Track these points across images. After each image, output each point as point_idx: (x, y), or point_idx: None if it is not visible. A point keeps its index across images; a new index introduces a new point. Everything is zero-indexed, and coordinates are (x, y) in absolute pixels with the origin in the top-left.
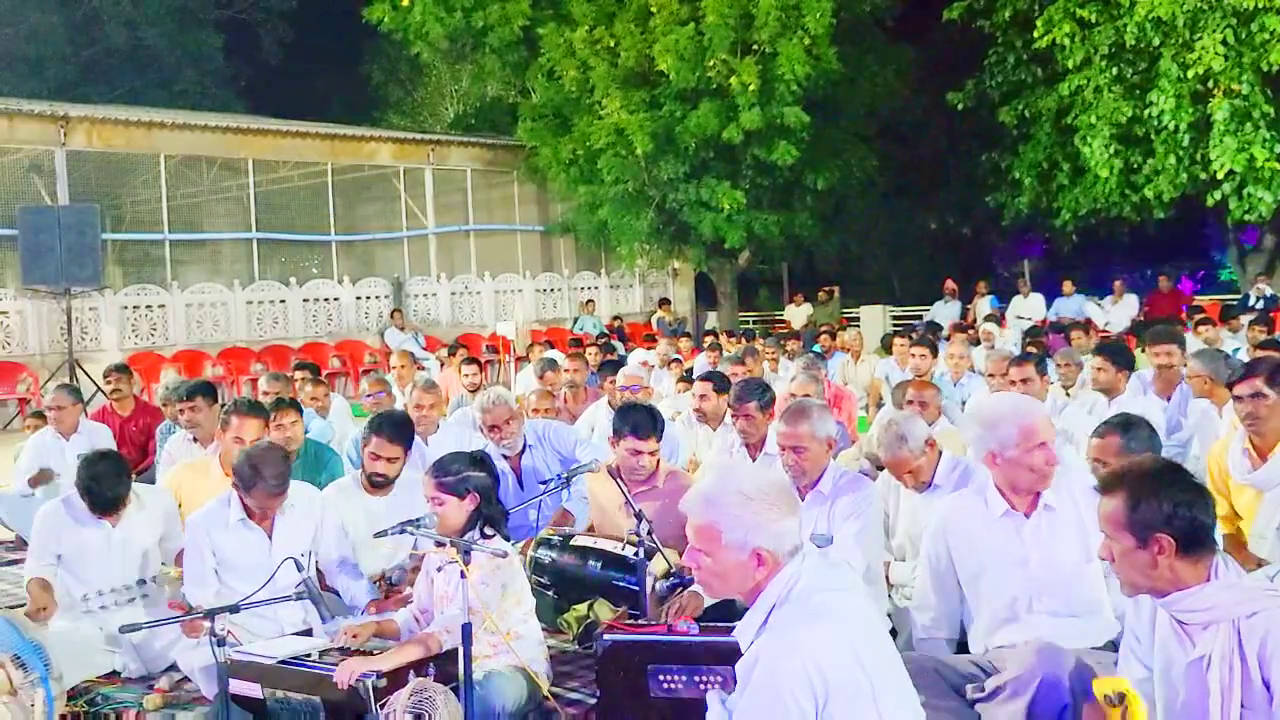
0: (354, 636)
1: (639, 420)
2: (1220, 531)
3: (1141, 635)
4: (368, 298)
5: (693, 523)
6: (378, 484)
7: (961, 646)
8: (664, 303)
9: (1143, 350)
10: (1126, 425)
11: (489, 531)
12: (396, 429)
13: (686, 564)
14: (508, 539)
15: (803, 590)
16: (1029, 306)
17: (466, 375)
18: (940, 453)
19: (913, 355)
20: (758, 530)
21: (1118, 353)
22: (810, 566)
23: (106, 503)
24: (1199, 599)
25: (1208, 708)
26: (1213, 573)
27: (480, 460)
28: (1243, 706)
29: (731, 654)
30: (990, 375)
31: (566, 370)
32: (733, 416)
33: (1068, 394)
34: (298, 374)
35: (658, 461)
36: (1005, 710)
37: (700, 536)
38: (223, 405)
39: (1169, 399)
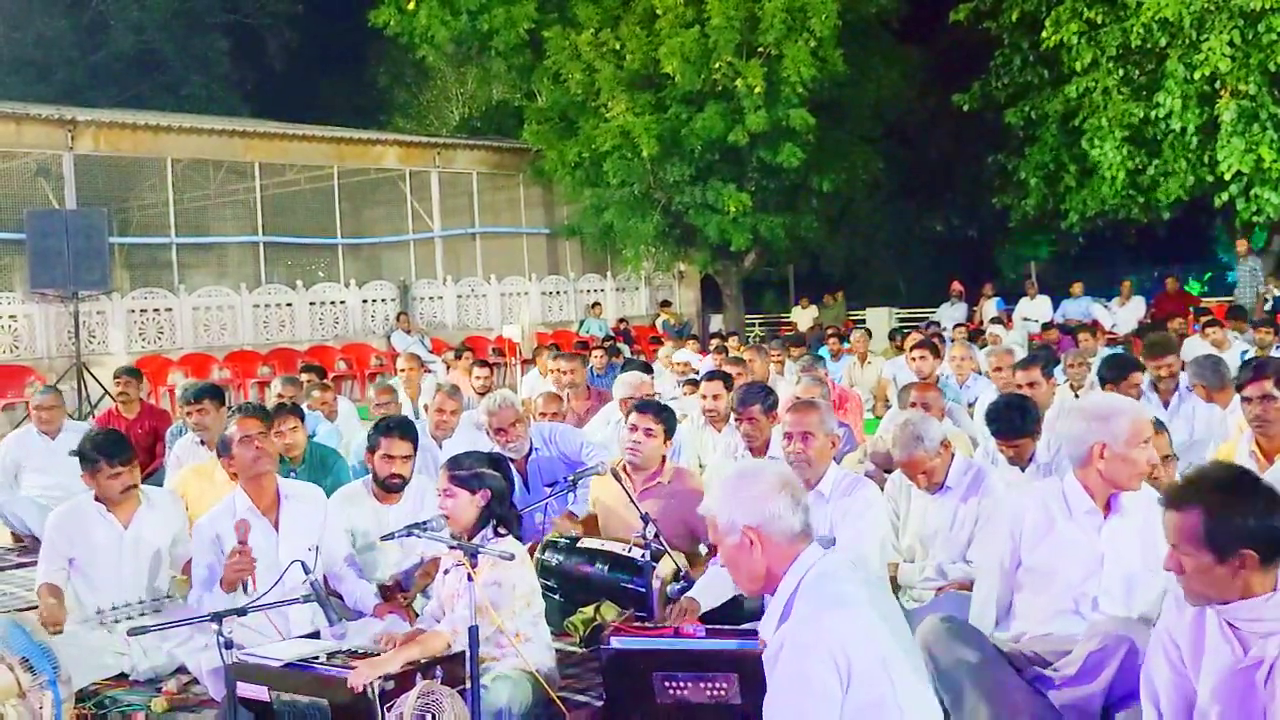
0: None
1: (645, 402)
2: None
3: (1180, 638)
4: (374, 300)
5: (705, 517)
6: (394, 487)
7: None
8: (665, 304)
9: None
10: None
11: (501, 532)
12: (405, 428)
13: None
14: (519, 539)
15: (821, 576)
16: (1035, 308)
17: (478, 378)
18: (954, 454)
19: (913, 358)
20: (740, 508)
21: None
22: (830, 558)
23: (119, 446)
24: (1266, 609)
25: (1258, 712)
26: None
27: (495, 461)
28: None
29: (736, 660)
30: (997, 369)
31: (564, 372)
32: (736, 420)
33: (1076, 395)
34: (303, 376)
35: (663, 458)
36: (1083, 690)
37: (709, 529)
38: (230, 408)
39: (1167, 405)
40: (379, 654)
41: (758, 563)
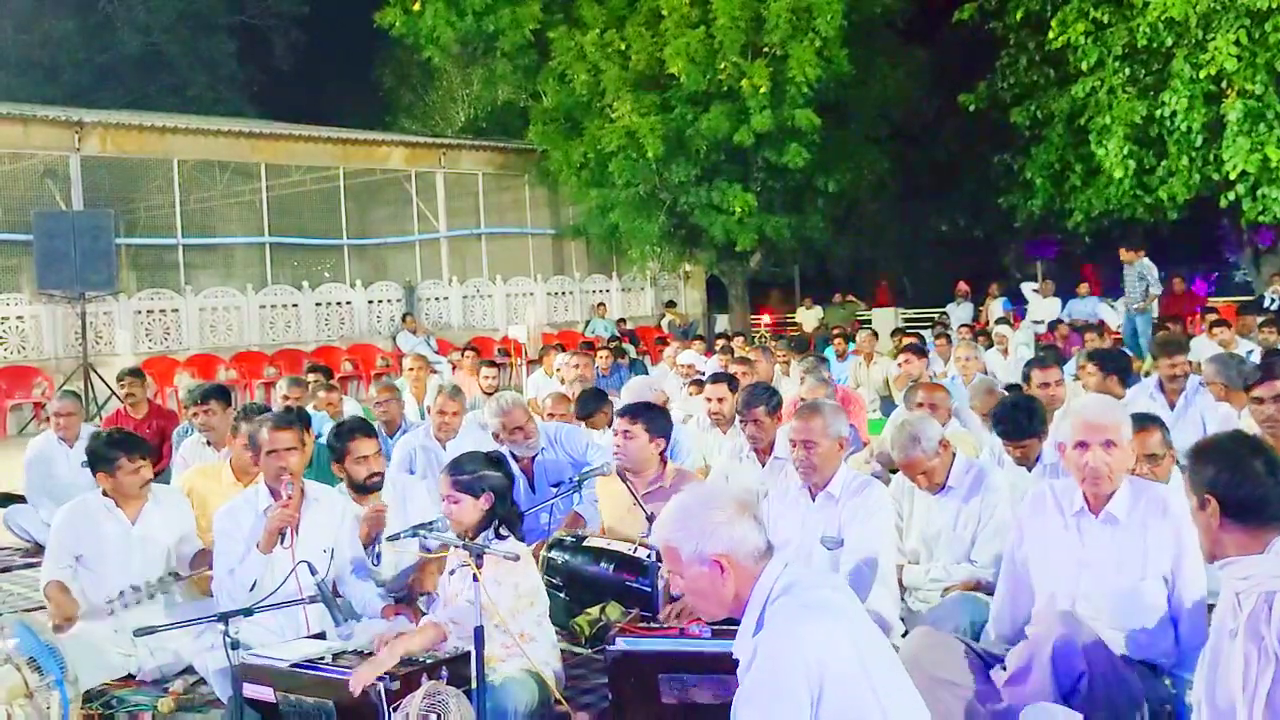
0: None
1: (625, 405)
2: None
3: None
4: (380, 301)
5: (658, 547)
6: (375, 487)
7: None
8: (670, 305)
9: (1154, 358)
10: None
11: (504, 532)
12: (365, 426)
13: (673, 588)
14: (522, 539)
15: (791, 587)
16: (1045, 308)
17: (486, 378)
18: (954, 454)
19: (900, 364)
20: (707, 538)
21: (1106, 358)
22: (796, 568)
23: (135, 440)
24: (1241, 567)
25: (1227, 677)
26: (1270, 547)
27: (497, 461)
28: (1275, 680)
29: None
30: (984, 415)
31: (575, 366)
32: (741, 422)
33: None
34: (310, 376)
35: (663, 460)
36: (1026, 690)
37: (668, 559)
38: (237, 409)
39: (1173, 405)
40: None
41: (727, 589)
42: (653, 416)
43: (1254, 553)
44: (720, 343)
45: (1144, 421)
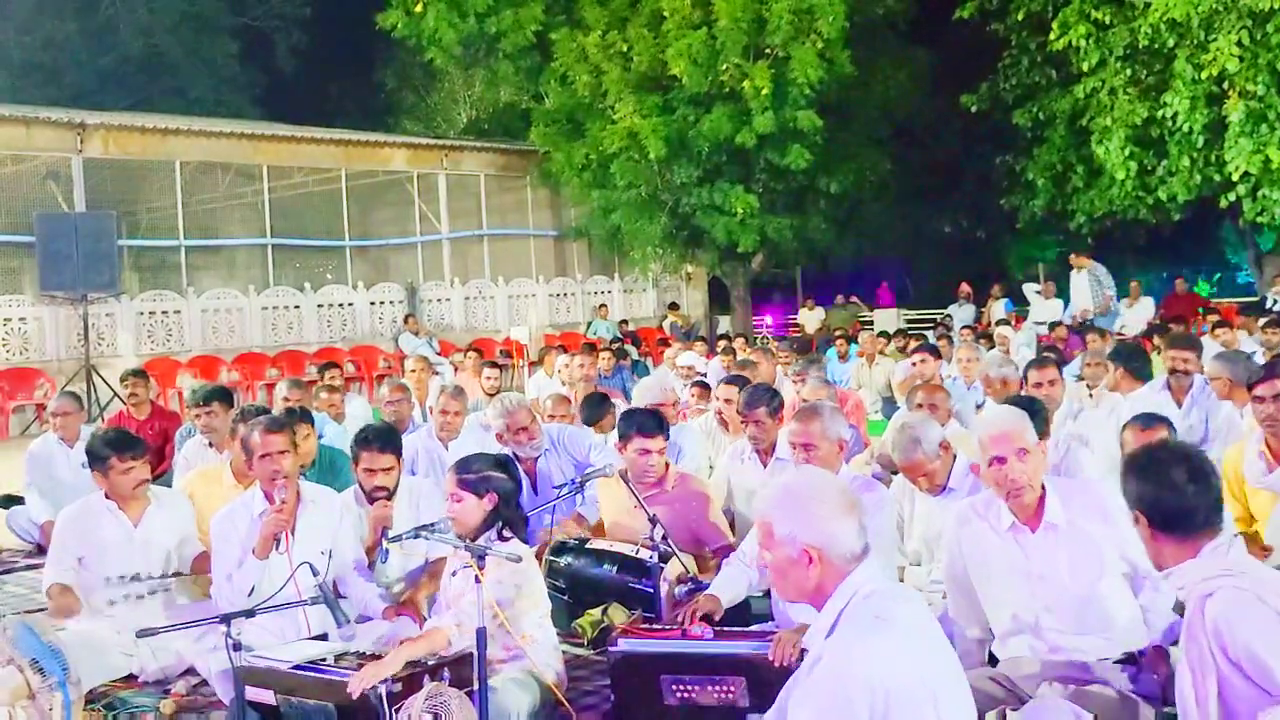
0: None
1: (643, 420)
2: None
3: None
4: (382, 303)
5: (756, 518)
6: (380, 499)
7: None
8: (673, 307)
9: (1158, 352)
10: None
11: (507, 534)
12: (384, 438)
13: (759, 563)
14: (526, 541)
15: (873, 595)
16: (1047, 309)
17: (488, 379)
18: (955, 456)
19: (914, 362)
20: (804, 527)
21: (1120, 354)
22: (875, 574)
23: (128, 440)
24: (1178, 577)
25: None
26: (1202, 553)
27: (504, 463)
28: (1222, 682)
29: (743, 662)
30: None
31: (581, 365)
32: (742, 423)
33: (1090, 395)
34: (326, 373)
35: (666, 464)
36: None
37: (761, 532)
38: (240, 410)
39: (1180, 404)
40: (373, 655)
41: (810, 579)
42: (666, 424)
43: (1188, 560)
44: (722, 344)
45: (1151, 420)
